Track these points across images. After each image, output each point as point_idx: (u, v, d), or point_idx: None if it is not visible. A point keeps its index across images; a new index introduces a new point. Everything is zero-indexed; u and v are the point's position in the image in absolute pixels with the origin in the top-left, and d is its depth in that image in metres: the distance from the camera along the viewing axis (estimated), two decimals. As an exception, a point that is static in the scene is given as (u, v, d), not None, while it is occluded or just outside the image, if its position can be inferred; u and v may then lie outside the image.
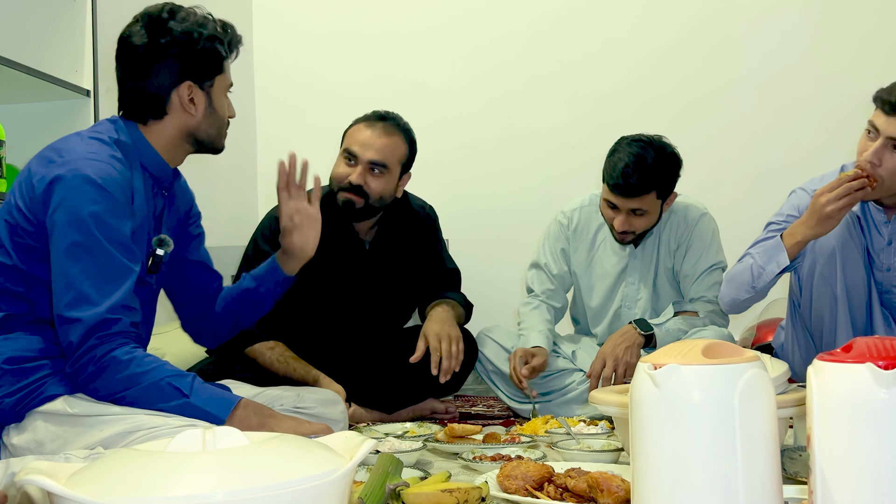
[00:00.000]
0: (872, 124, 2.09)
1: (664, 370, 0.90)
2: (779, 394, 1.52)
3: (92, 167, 1.61)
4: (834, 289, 2.20)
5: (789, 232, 2.19)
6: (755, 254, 2.25)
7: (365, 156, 2.41)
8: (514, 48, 3.65)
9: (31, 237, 1.63)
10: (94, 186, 1.59)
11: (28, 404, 1.59)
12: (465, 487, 1.31)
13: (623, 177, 2.44)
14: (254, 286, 2.00)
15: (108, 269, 1.58)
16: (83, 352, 1.55)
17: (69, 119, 2.61)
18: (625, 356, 2.44)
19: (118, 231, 1.61)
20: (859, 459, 0.88)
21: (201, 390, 1.60)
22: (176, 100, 1.74)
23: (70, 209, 1.58)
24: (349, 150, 2.43)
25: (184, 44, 1.72)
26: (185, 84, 1.74)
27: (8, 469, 1.41)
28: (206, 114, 1.78)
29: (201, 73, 1.76)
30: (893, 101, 2.01)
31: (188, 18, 1.73)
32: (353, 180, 2.40)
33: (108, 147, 1.68)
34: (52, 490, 0.80)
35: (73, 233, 1.57)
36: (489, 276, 3.52)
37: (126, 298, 1.59)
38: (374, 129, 2.44)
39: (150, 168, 1.76)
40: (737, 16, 3.46)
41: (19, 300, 1.67)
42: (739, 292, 2.29)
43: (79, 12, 2.60)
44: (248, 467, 0.84)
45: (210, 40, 1.74)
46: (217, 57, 1.77)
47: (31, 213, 1.63)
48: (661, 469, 0.89)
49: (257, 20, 3.86)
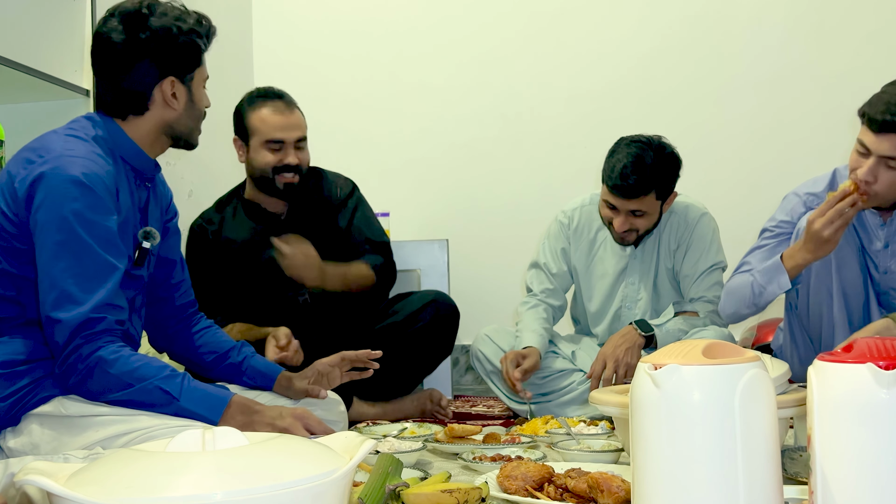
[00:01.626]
0: (862, 143, 2.07)
1: (664, 370, 0.90)
2: (779, 394, 1.52)
3: (73, 164, 1.59)
4: (830, 289, 2.20)
5: (789, 254, 2.19)
6: (756, 273, 2.25)
7: (292, 136, 2.49)
8: (513, 47, 3.65)
9: (16, 239, 1.62)
10: (76, 184, 1.57)
11: (22, 407, 1.59)
12: (465, 488, 1.31)
13: (622, 178, 2.44)
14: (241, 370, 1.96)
15: (91, 268, 1.57)
16: (69, 352, 1.54)
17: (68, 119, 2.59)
18: (625, 357, 2.44)
19: (102, 227, 1.59)
20: (860, 460, 0.88)
21: (191, 391, 1.59)
22: (158, 95, 1.73)
23: (52, 208, 1.56)
24: (273, 139, 2.48)
25: (164, 39, 1.70)
26: (168, 80, 1.73)
27: (7, 469, 1.41)
28: (186, 107, 1.78)
29: (182, 67, 1.74)
30: (880, 119, 1.99)
31: (167, 13, 1.71)
32: (291, 162, 2.49)
33: (86, 143, 1.66)
34: (51, 490, 0.80)
35: (56, 232, 1.56)
36: (489, 275, 3.53)
37: (111, 296, 1.57)
38: (281, 111, 2.50)
39: (132, 161, 1.74)
40: (736, 15, 3.46)
41: (10, 303, 1.65)
42: (740, 307, 2.31)
43: (78, 12, 2.60)
44: (248, 467, 0.84)
45: (189, 34, 1.73)
46: (196, 50, 1.76)
47: (13, 214, 1.61)
48: (662, 469, 0.89)
49: (257, 20, 3.87)
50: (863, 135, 2.07)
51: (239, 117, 2.55)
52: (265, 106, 2.51)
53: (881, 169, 2.04)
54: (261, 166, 2.51)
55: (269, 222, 2.59)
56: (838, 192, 2.07)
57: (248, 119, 2.52)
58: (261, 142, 2.49)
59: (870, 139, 2.04)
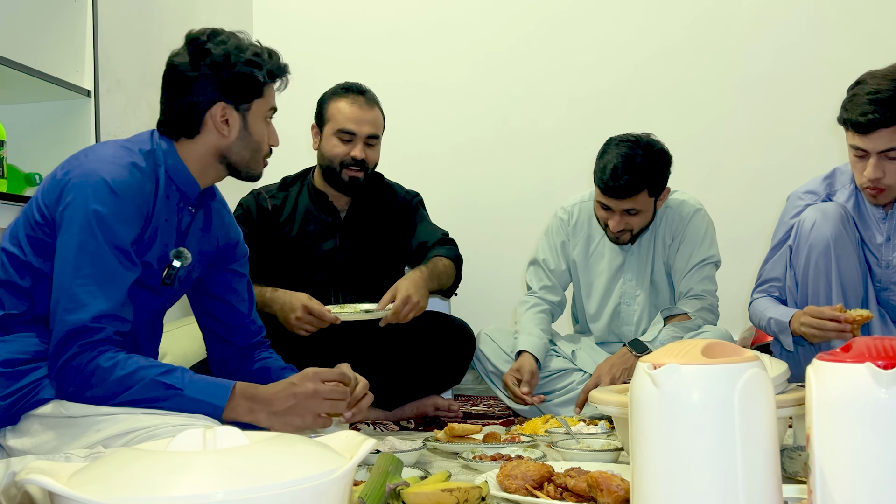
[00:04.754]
0: (855, 147, 2.10)
1: (664, 370, 0.90)
2: (778, 394, 1.52)
3: (108, 170, 1.63)
4: (829, 283, 2.21)
5: (794, 319, 2.23)
6: (771, 319, 2.32)
7: (363, 131, 2.54)
8: (514, 49, 3.65)
9: (43, 232, 1.65)
10: (106, 188, 1.61)
11: (23, 407, 1.59)
12: (465, 487, 1.32)
13: (613, 178, 2.45)
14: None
15: (102, 273, 1.58)
16: (66, 360, 1.55)
17: (69, 119, 2.61)
18: (621, 377, 2.46)
19: (119, 236, 1.62)
20: (858, 459, 0.88)
21: (193, 382, 1.60)
22: (209, 119, 1.76)
23: (77, 207, 1.60)
24: (345, 129, 2.53)
25: (220, 65, 1.74)
26: (220, 104, 1.76)
27: (8, 468, 1.41)
28: (239, 136, 1.79)
29: (237, 95, 1.77)
30: (864, 121, 2.04)
31: (227, 41, 1.76)
32: (357, 155, 2.53)
33: (133, 155, 1.70)
34: (52, 489, 0.80)
35: (77, 231, 1.59)
36: (489, 275, 3.52)
37: (114, 307, 1.59)
38: (361, 104, 2.56)
39: (176, 180, 1.77)
40: (737, 16, 3.46)
41: (21, 296, 1.67)
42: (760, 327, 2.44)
43: (79, 12, 2.60)
44: (248, 467, 0.84)
45: (248, 64, 1.76)
46: (253, 81, 1.77)
47: (46, 208, 1.65)
48: (661, 469, 0.90)
49: (257, 22, 3.87)
50: (852, 140, 2.10)
51: (319, 105, 2.63)
52: (345, 98, 2.57)
53: (885, 163, 2.08)
54: (329, 155, 2.56)
55: (330, 217, 2.62)
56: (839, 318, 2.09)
57: (327, 107, 2.59)
58: (333, 130, 2.55)
59: (862, 141, 2.07)
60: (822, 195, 2.34)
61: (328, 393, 1.66)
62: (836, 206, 2.24)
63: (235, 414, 1.61)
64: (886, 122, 2.03)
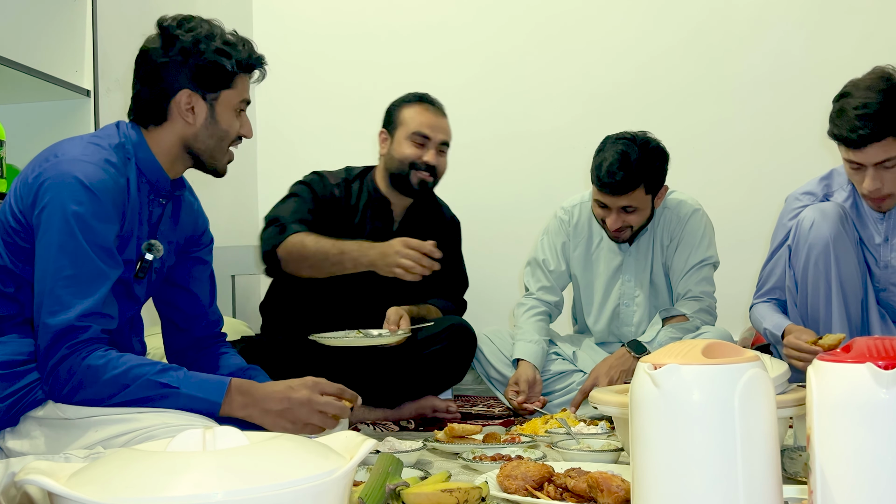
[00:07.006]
0: (850, 161, 2.09)
1: (664, 370, 0.90)
2: (779, 394, 1.52)
3: (81, 169, 1.60)
4: (829, 282, 2.21)
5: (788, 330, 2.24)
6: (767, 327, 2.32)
7: (437, 137, 2.60)
8: (515, 49, 3.65)
9: (19, 237, 1.63)
10: (82, 188, 1.58)
11: (22, 408, 1.59)
12: (465, 487, 1.31)
13: (609, 175, 2.46)
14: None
15: (84, 273, 1.56)
16: (56, 362, 1.53)
17: (69, 119, 2.61)
18: (620, 379, 2.46)
19: (101, 235, 1.59)
20: (859, 459, 0.88)
21: (189, 380, 1.59)
22: (175, 107, 1.74)
23: (55, 209, 1.57)
24: (420, 132, 2.57)
25: (188, 52, 1.72)
26: (185, 91, 1.73)
27: (8, 469, 1.41)
28: (205, 125, 1.77)
29: (204, 83, 1.75)
30: (855, 137, 2.02)
31: (196, 28, 1.74)
32: (430, 161, 2.57)
33: (104, 151, 1.67)
34: (52, 490, 0.80)
35: (56, 233, 1.56)
36: (489, 275, 3.52)
37: (99, 305, 1.57)
38: (434, 112, 2.62)
39: (147, 173, 1.74)
40: (737, 17, 3.46)
41: (9, 301, 1.66)
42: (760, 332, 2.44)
43: (79, 12, 2.60)
44: (248, 467, 0.84)
45: (217, 53, 1.74)
46: (222, 71, 1.75)
47: (21, 213, 1.62)
48: (661, 469, 0.89)
49: (257, 21, 3.87)
50: (846, 154, 2.09)
51: (389, 111, 2.65)
52: (419, 104, 2.62)
53: (882, 173, 2.07)
54: (401, 157, 2.57)
55: (381, 223, 2.62)
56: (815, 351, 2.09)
57: (400, 112, 2.61)
58: (407, 133, 2.57)
59: (855, 156, 2.06)
60: (819, 196, 2.34)
61: (322, 405, 1.64)
62: (834, 206, 2.24)
63: (230, 409, 1.60)
64: (877, 135, 2.00)
